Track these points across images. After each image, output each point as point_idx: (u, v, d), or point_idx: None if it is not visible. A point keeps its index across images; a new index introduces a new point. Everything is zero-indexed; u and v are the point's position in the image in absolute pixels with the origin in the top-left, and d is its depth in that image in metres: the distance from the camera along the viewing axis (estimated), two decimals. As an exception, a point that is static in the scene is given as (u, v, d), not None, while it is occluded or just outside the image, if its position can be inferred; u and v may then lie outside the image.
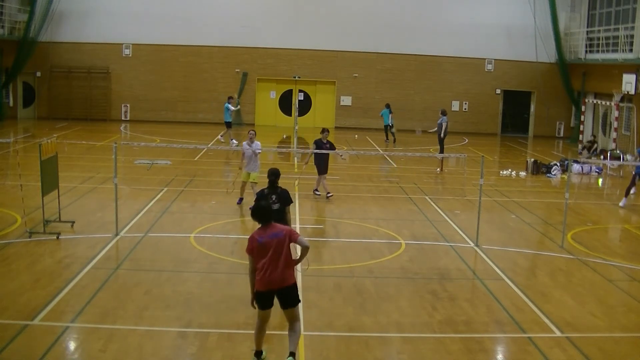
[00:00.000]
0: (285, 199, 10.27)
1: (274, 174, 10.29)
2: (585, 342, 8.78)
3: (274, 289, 7.56)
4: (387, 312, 9.61)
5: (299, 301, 7.82)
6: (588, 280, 11.52)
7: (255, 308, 7.74)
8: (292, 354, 7.60)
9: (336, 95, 34.65)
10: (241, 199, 16.07)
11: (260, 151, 16.08)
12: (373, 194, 18.18)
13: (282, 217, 10.00)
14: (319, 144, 16.86)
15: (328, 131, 17.46)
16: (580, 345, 8.67)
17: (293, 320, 7.75)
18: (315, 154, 16.84)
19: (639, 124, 26.33)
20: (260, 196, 10.13)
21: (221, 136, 27.30)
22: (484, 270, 11.87)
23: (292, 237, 7.69)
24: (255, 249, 7.61)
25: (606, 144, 28.29)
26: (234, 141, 26.20)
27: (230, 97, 27.46)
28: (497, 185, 19.99)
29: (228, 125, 26.71)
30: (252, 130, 16.57)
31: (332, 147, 17.28)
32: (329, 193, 17.03)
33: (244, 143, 16.36)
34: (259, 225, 7.80)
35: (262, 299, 7.64)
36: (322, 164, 17.04)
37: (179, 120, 33.13)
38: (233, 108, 26.83)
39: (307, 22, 33.55)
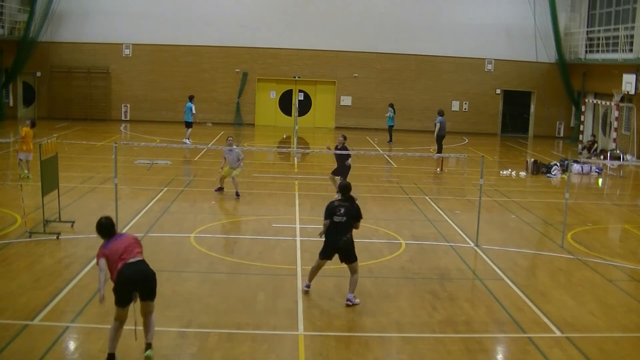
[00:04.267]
0: (354, 214, 9.96)
1: (346, 188, 10.22)
2: (585, 342, 8.78)
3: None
4: (387, 312, 9.61)
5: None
6: (588, 280, 11.52)
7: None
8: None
9: (336, 95, 34.65)
10: (220, 188, 17.02)
11: (242, 157, 17.06)
12: (373, 194, 18.17)
13: (349, 229, 9.89)
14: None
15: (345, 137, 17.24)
16: (580, 345, 8.67)
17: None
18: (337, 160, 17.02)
19: (639, 124, 26.32)
20: (330, 207, 9.99)
21: (187, 139, 25.99)
22: (484, 270, 11.87)
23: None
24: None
25: (606, 144, 28.29)
26: (188, 141, 25.60)
27: (192, 97, 27.03)
28: (497, 185, 19.99)
29: (190, 125, 26.17)
30: (230, 137, 17.39)
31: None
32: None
33: (225, 149, 16.85)
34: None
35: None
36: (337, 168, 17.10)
37: (179, 120, 33.06)
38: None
39: (307, 22, 33.55)
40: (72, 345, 8.24)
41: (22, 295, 9.58)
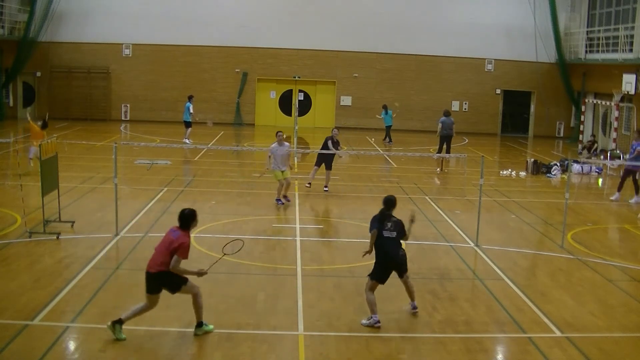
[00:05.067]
0: (402, 229, 9.48)
1: (392, 203, 9.63)
2: (585, 342, 8.78)
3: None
4: (387, 312, 9.61)
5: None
6: (588, 280, 11.52)
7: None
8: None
9: (336, 95, 34.65)
10: (282, 198, 16.30)
11: (289, 151, 16.55)
12: (373, 194, 18.17)
13: (400, 244, 9.44)
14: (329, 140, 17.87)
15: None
16: (580, 345, 8.67)
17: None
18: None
19: (639, 124, 26.32)
20: (375, 221, 9.43)
21: (187, 139, 26.00)
22: (484, 270, 11.87)
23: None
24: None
25: (606, 144, 28.29)
26: (188, 141, 25.52)
27: (191, 96, 26.89)
28: (497, 185, 19.99)
29: (188, 125, 26.10)
30: (280, 132, 16.47)
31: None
32: (325, 187, 17.89)
33: (274, 145, 16.14)
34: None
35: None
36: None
37: (179, 120, 33.07)
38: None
39: (307, 22, 33.55)
40: (72, 345, 8.24)
41: (22, 295, 9.58)
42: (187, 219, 8.59)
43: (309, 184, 18.13)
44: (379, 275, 9.28)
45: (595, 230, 15.27)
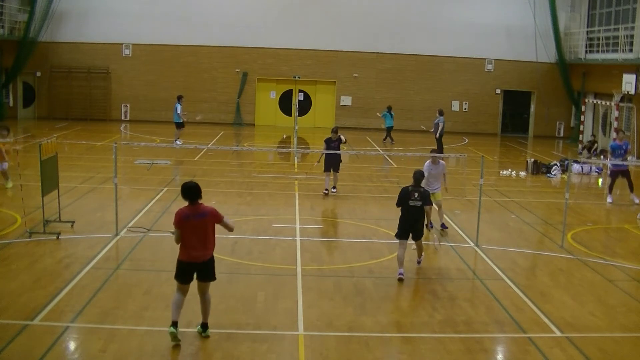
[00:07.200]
0: (426, 198, 11.37)
1: (420, 174, 11.60)
2: (585, 342, 8.78)
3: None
4: (387, 312, 9.62)
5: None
6: (588, 280, 11.52)
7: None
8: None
9: (336, 95, 34.65)
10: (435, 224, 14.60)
11: (444, 171, 14.30)
12: (373, 194, 18.18)
13: (423, 214, 11.46)
14: (328, 142, 17.62)
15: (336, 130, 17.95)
16: (580, 345, 8.67)
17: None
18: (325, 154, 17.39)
19: (639, 124, 26.32)
20: (405, 192, 11.23)
21: (177, 140, 25.55)
22: (484, 270, 11.87)
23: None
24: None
25: (606, 144, 28.23)
26: (179, 142, 25.19)
27: (180, 97, 26.44)
28: (497, 185, 19.99)
29: (179, 125, 25.71)
30: (435, 149, 15.37)
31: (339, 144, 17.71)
32: (333, 188, 17.73)
33: (427, 163, 14.19)
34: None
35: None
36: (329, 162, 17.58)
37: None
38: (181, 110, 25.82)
39: (307, 22, 33.54)
40: (72, 345, 8.24)
41: (22, 295, 9.58)
42: (198, 189, 8.53)
43: (329, 190, 17.50)
44: (399, 234, 11.17)
45: (595, 230, 15.27)
